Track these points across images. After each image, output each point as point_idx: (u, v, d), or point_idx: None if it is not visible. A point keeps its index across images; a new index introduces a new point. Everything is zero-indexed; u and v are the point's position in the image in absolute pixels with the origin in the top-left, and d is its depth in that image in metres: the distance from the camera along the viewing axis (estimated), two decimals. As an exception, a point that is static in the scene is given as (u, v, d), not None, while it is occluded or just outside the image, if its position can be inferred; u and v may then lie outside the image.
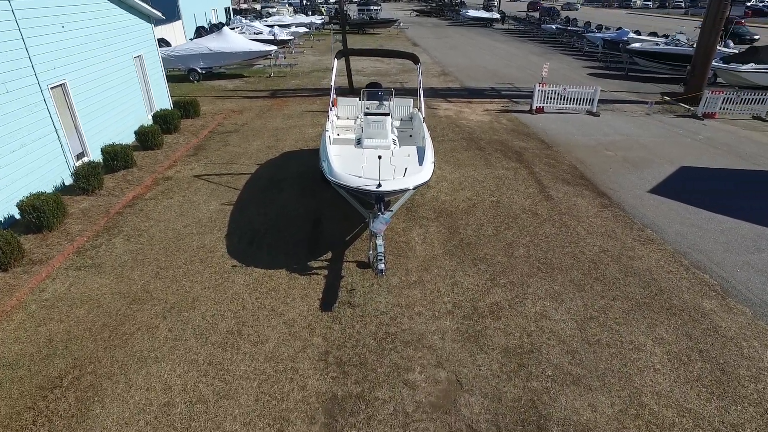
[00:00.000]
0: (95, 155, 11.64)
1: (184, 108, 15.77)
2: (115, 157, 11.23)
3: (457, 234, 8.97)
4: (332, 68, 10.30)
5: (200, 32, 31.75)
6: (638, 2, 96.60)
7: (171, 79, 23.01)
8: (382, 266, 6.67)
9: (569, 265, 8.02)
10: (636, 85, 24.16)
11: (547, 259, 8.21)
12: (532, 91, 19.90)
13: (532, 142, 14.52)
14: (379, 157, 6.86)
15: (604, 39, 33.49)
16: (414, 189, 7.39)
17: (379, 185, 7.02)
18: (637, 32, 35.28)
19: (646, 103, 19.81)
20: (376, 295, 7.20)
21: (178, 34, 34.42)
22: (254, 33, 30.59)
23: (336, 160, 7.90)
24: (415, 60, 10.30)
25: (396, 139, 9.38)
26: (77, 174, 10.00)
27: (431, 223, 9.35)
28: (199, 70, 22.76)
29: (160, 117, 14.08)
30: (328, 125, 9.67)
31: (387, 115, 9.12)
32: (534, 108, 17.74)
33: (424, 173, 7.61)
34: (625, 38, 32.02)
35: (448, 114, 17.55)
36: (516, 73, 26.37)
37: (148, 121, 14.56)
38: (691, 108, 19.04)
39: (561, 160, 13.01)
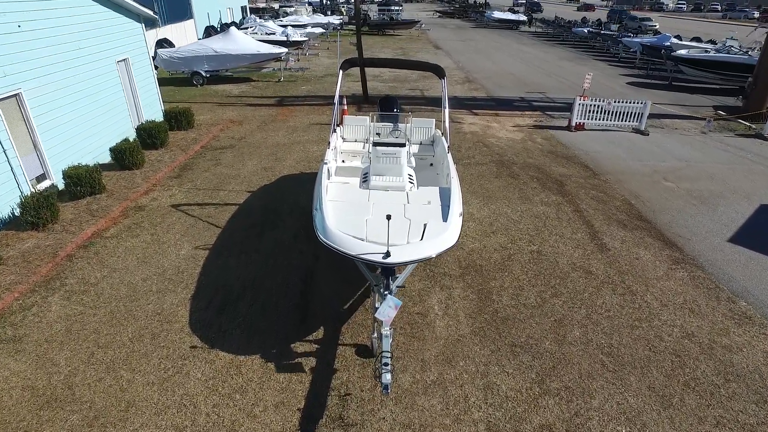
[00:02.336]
0: (59, 178, 9.90)
1: (176, 118, 14.01)
2: (79, 182, 9.46)
3: (490, 302, 6.90)
4: (337, 82, 8.32)
5: (209, 32, 30.19)
6: (671, 5, 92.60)
7: (173, 82, 21.41)
8: (388, 379, 4.67)
9: (644, 360, 5.89)
10: (682, 96, 21.67)
11: (613, 347, 6.08)
12: (567, 103, 17.67)
13: (574, 167, 12.33)
14: (388, 217, 4.85)
15: (643, 44, 30.93)
16: (436, 256, 5.37)
17: (387, 254, 5.03)
18: (678, 37, 32.57)
19: (699, 118, 17.38)
20: (379, 406, 5.19)
21: (189, 33, 32.97)
22: (267, 33, 28.88)
23: (332, 211, 5.92)
24: (440, 73, 8.28)
25: (413, 176, 7.35)
26: (24, 205, 8.23)
27: (456, 284, 7.30)
28: (203, 74, 21.07)
29: (143, 130, 12.31)
30: (329, 155, 7.69)
31: (403, 146, 7.11)
32: (574, 124, 15.51)
33: (449, 233, 5.57)
34: (667, 43, 29.42)
35: (473, 130, 15.44)
36: (547, 81, 24.07)
37: (133, 134, 12.82)
38: (753, 126, 16.57)
39: (611, 193, 10.80)
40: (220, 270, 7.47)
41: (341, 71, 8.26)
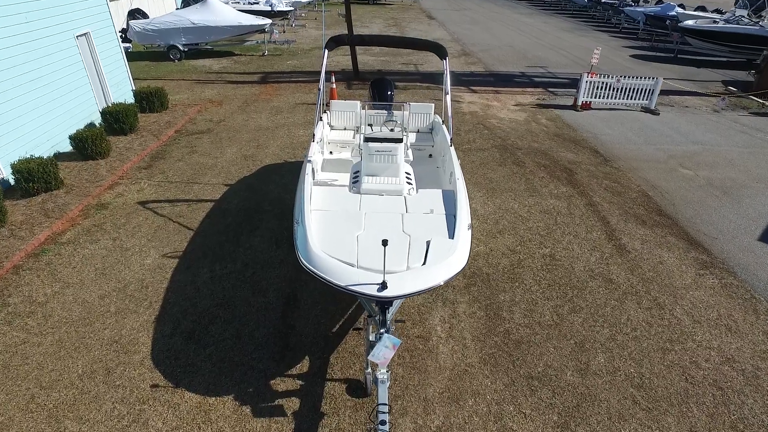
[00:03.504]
0: (8, 173, 8.75)
1: (147, 99, 12.73)
2: (31, 177, 8.34)
3: (500, 320, 6.03)
4: (322, 64, 7.18)
5: (188, 2, 28.26)
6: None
7: (148, 57, 19.91)
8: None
9: (682, 394, 5.09)
10: (690, 71, 20.60)
11: (644, 377, 5.27)
12: (571, 79, 16.58)
13: (583, 153, 11.35)
14: (384, 243, 3.89)
15: (646, 14, 29.55)
16: (444, 283, 4.43)
17: (384, 285, 4.09)
18: (682, 6, 31.16)
19: (709, 95, 16.38)
20: (376, 464, 4.35)
21: (167, 2, 30.95)
22: (249, 3, 27.09)
23: (316, 226, 4.93)
24: (442, 53, 7.16)
25: (411, 175, 6.33)
26: (-38, 209, 7.15)
27: (460, 297, 6.41)
28: (181, 48, 19.55)
29: (109, 114, 11.08)
30: (313, 150, 6.62)
31: (399, 141, 6.07)
32: (580, 103, 14.44)
33: (457, 254, 4.62)
34: (672, 13, 28.09)
35: (473, 110, 14.32)
36: (549, 54, 22.80)
37: (99, 118, 11.57)
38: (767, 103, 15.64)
39: (626, 183, 9.88)
40: (190, 284, 6.50)
41: (326, 51, 7.11)
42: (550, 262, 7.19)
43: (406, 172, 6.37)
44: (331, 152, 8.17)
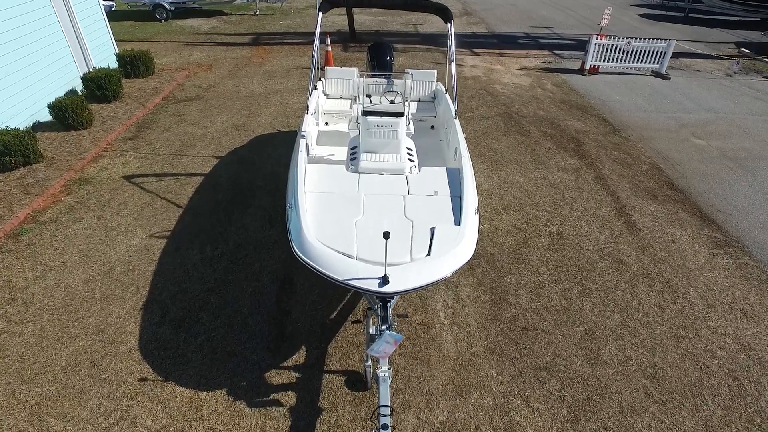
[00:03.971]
0: (-16, 145, 8.23)
1: (132, 64, 12.01)
2: (8, 151, 7.83)
3: (506, 305, 5.75)
4: (316, 27, 6.56)
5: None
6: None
7: (133, 17, 18.87)
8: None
9: (696, 385, 4.86)
10: (702, 31, 19.73)
11: (657, 367, 5.03)
12: (577, 41, 15.81)
13: (591, 121, 10.84)
14: (386, 235, 3.51)
15: (657, -31, 28.11)
16: (451, 275, 4.09)
17: (385, 279, 3.74)
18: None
19: (722, 58, 15.69)
20: (377, 464, 4.14)
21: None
22: (239, -43, 25.55)
23: (311, 211, 4.53)
24: (447, 16, 6.56)
25: (413, 152, 5.88)
26: (-66, 186, 6.69)
27: (464, 280, 6.10)
28: (167, 6, 18.49)
29: (91, 80, 10.42)
30: (307, 123, 6.12)
31: (401, 114, 5.58)
32: (587, 68, 13.77)
33: (465, 242, 4.25)
34: (684, -31, 26.69)
35: (475, 74, 13.65)
36: (554, 14, 21.77)
37: (80, 85, 10.91)
38: (783, 67, 14.98)
39: (636, 154, 9.44)
40: (179, 267, 6.16)
41: (320, 14, 6.49)
42: (557, 241, 6.86)
43: (408, 148, 5.92)
44: (326, 123, 7.67)
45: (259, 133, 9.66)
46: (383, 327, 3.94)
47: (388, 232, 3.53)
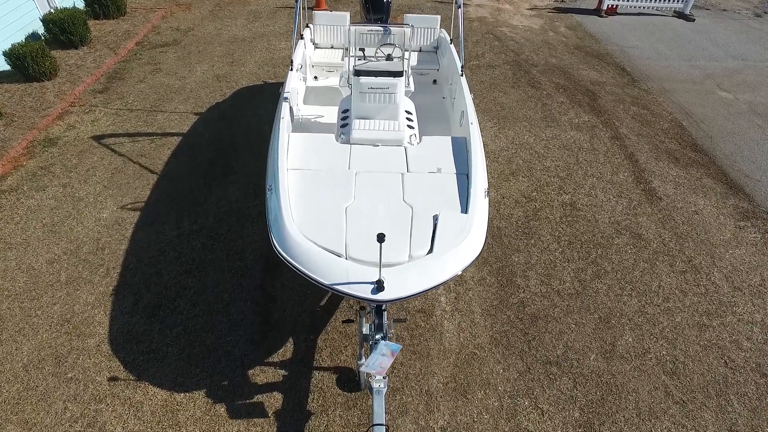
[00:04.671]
0: (-67, 100, 7.36)
1: (100, 2, 10.76)
2: (-40, 108, 7.00)
3: (514, 288, 5.24)
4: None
5: None
6: None
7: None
8: None
9: (720, 382, 4.45)
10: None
11: (678, 361, 4.60)
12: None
13: (607, 71, 9.88)
14: (381, 238, 2.90)
15: None
16: (456, 275, 3.52)
17: (380, 285, 3.18)
18: None
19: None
20: (371, 477, 3.77)
21: None
22: None
23: (294, 195, 3.88)
24: None
25: (413, 117, 5.12)
26: None
27: (467, 259, 5.56)
28: (140, -67, 16.58)
29: (53, 22, 9.31)
30: (290, 83, 5.29)
31: (399, 75, 4.76)
32: (605, 8, 12.51)
33: (473, 234, 3.65)
34: None
35: (481, 15, 12.41)
36: (568, -58, 19.77)
37: (40, 27, 9.78)
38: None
39: (657, 109, 8.62)
40: (153, 245, 5.57)
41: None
42: (570, 213, 6.26)
43: (407, 111, 5.15)
44: (315, 78, 6.80)
45: (242, 85, 8.74)
46: (378, 336, 3.42)
47: (383, 235, 2.91)
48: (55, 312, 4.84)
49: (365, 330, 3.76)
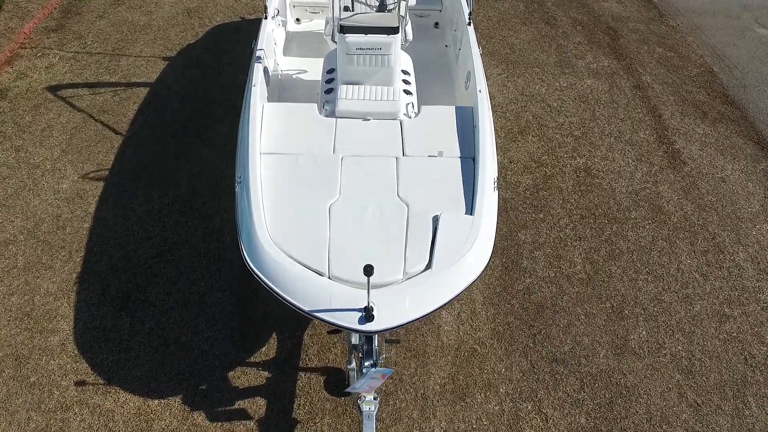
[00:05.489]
0: None
1: None
2: None
3: (519, 272, 4.77)
4: None
5: None
6: None
7: None
8: None
9: (738, 382, 4.12)
10: None
11: (694, 358, 4.25)
12: None
13: (632, 2, 8.73)
14: (368, 272, 2.36)
15: None
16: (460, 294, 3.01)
17: (368, 313, 2.68)
18: None
19: None
20: (362, 495, 3.53)
21: None
22: None
23: (268, 189, 3.26)
24: None
25: (411, 78, 4.32)
26: None
27: (469, 237, 5.03)
28: None
29: (-9, -57, 7.96)
30: (264, 37, 4.41)
31: (395, 31, 3.89)
32: None
33: (480, 244, 3.10)
34: None
35: (491, -71, 10.81)
36: None
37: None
38: None
39: (685, 51, 7.66)
40: (120, 223, 5.00)
41: None
42: (584, 180, 5.65)
43: (404, 71, 4.35)
44: (297, 20, 5.83)
45: (217, 22, 7.67)
46: (367, 363, 2.98)
47: (371, 268, 2.37)
48: (13, 304, 4.38)
49: (354, 340, 3.33)
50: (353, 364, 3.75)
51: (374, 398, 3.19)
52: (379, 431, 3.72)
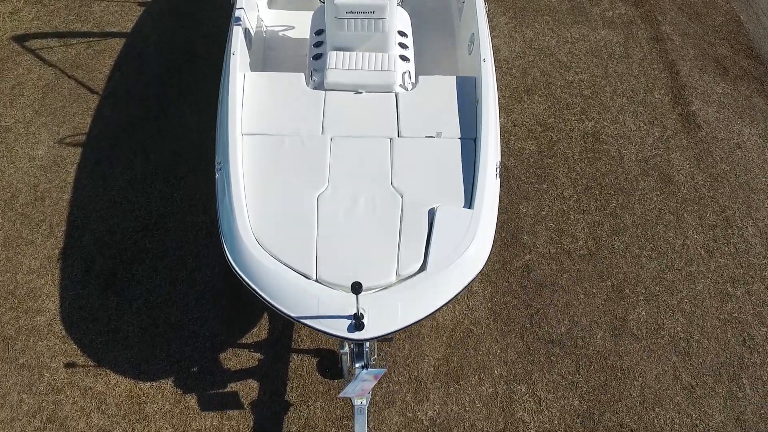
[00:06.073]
0: None
1: None
2: None
3: (519, 248, 4.60)
4: None
5: None
6: None
7: None
8: None
9: (734, 364, 4.08)
10: None
11: (692, 339, 4.18)
12: None
13: (657, -64, 7.87)
14: (356, 289, 2.17)
15: None
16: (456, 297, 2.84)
17: (358, 321, 2.53)
18: None
19: None
20: (354, 477, 3.58)
21: None
22: None
23: (250, 177, 2.99)
24: None
25: (409, 40, 3.89)
26: None
27: (468, 210, 4.82)
28: None
29: None
30: None
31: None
32: None
33: (479, 240, 2.89)
34: None
35: None
36: None
37: None
38: None
39: (711, -4, 7.01)
40: (102, 193, 4.75)
41: None
42: (592, 147, 5.33)
43: (400, 33, 3.91)
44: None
45: (196, -41, 6.92)
46: (358, 365, 2.88)
47: (359, 285, 2.18)
48: (-5, 281, 4.25)
49: (344, 344, 3.22)
50: (346, 349, 3.67)
51: (367, 397, 3.13)
52: (371, 414, 3.73)
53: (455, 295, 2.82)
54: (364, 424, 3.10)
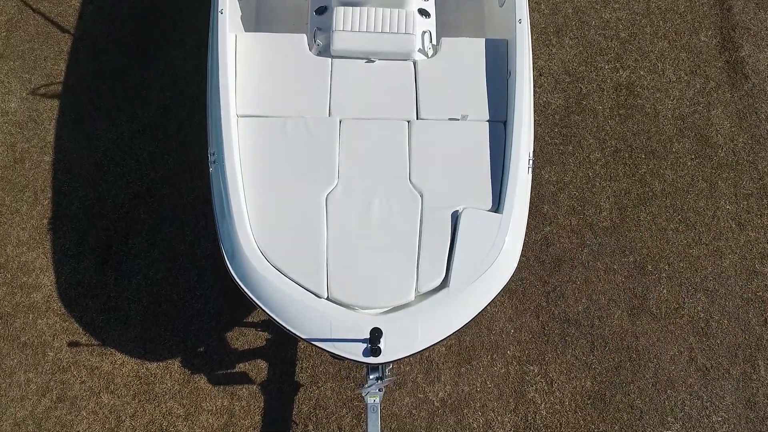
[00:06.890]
0: None
1: None
2: None
3: (539, 219, 4.30)
4: None
5: None
6: None
7: None
8: None
9: (752, 345, 3.99)
10: None
11: (711, 320, 4.05)
12: None
13: None
14: (375, 339, 1.93)
15: None
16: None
17: (376, 343, 2.33)
18: None
19: None
20: (365, 457, 3.64)
21: None
22: None
23: (250, 172, 2.60)
24: None
25: (430, 13, 3.24)
26: None
27: (486, 175, 4.45)
28: None
29: None
30: None
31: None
32: None
33: (507, 254, 2.58)
34: None
35: None
36: None
37: None
38: None
39: None
40: (86, 156, 4.35)
41: None
42: (625, 101, 4.81)
43: (417, 10, 3.24)
44: None
45: None
46: (372, 377, 2.73)
47: (379, 334, 1.94)
48: (-19, 256, 4.02)
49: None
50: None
51: (379, 390, 3.05)
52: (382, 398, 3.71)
53: (478, 313, 2.60)
54: (377, 422, 3.05)
